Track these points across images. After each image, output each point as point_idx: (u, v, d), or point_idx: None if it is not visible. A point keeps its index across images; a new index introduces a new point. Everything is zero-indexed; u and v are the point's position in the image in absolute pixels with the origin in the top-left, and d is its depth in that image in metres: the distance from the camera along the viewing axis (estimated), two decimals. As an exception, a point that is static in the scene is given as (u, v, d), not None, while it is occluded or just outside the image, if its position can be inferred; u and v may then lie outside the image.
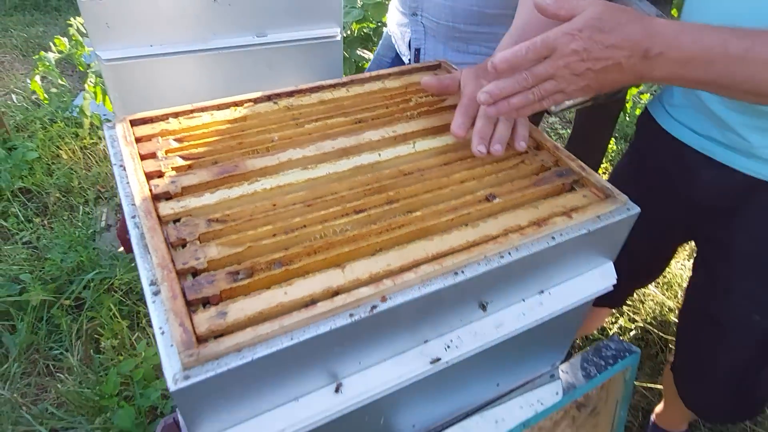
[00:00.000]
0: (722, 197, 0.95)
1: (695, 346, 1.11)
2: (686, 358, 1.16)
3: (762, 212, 0.91)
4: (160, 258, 0.57)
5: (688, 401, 1.20)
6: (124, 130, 0.76)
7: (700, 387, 1.13)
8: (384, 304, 0.56)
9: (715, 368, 1.07)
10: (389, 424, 0.76)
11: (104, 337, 1.53)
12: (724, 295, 1.00)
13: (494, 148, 0.75)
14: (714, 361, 1.06)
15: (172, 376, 0.48)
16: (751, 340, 0.99)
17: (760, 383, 1.03)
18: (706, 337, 1.06)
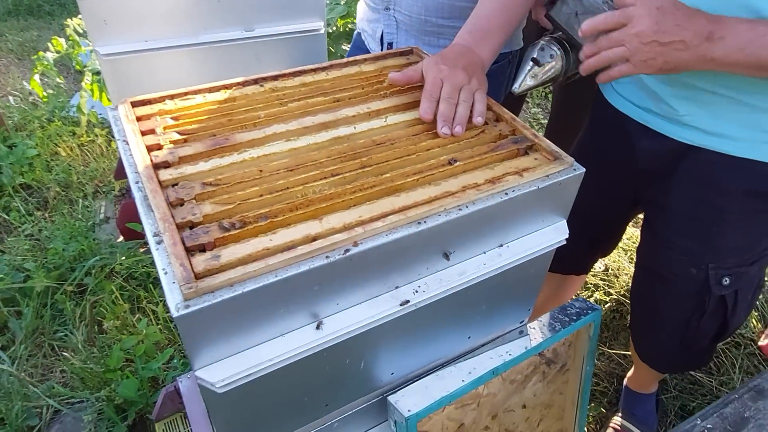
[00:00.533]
0: (658, 162, 1.04)
1: (645, 301, 1.22)
2: (638, 314, 1.26)
3: (692, 174, 1.00)
4: (161, 213, 0.66)
5: (642, 354, 1.30)
6: (126, 110, 0.85)
7: (650, 339, 1.23)
8: (356, 248, 0.65)
9: (662, 320, 1.17)
10: (369, 370, 0.85)
11: (107, 319, 1.62)
12: (665, 252, 1.09)
13: (455, 130, 0.84)
14: (660, 314, 1.17)
15: (175, 305, 0.57)
16: (691, 292, 1.09)
17: (703, 332, 1.13)
18: (653, 292, 1.17)
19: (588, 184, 0.92)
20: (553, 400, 1.22)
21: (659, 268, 1.13)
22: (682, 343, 1.16)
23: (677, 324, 1.14)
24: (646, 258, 1.18)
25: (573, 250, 1.10)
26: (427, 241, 0.72)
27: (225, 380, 0.64)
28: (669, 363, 1.28)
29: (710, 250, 1.04)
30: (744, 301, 1.09)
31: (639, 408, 1.54)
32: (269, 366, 0.67)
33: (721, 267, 1.04)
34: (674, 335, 1.16)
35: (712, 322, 1.11)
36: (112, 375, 1.41)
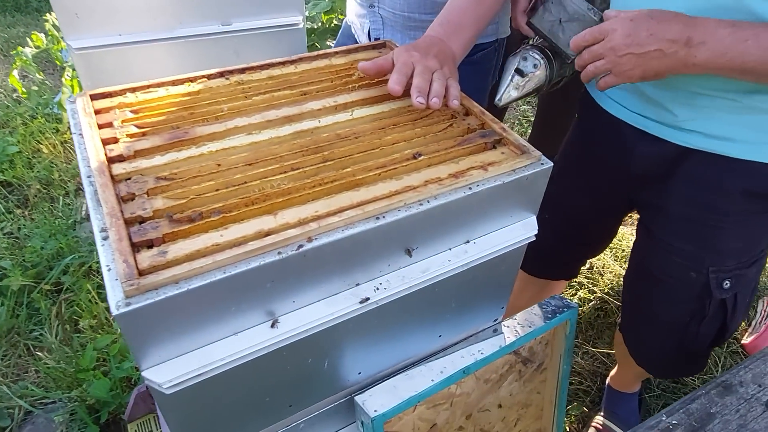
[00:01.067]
0: (656, 166, 1.02)
1: (641, 305, 1.18)
2: (633, 318, 1.24)
3: (691, 177, 0.98)
4: (109, 208, 0.64)
5: (638, 358, 1.27)
6: (84, 103, 0.83)
7: (648, 343, 1.20)
8: (309, 243, 0.63)
9: (660, 324, 1.14)
10: (334, 369, 0.83)
11: (83, 318, 1.59)
12: (663, 255, 1.07)
13: (432, 101, 0.81)
14: (659, 318, 1.14)
15: (115, 303, 0.55)
16: (691, 296, 1.06)
17: (702, 337, 1.10)
18: (650, 296, 1.14)
19: (580, 190, 0.92)
20: (531, 399, 1.20)
21: (656, 271, 1.10)
22: (680, 348, 1.13)
23: (675, 328, 1.11)
24: (642, 260, 1.15)
25: (564, 256, 1.09)
26: (388, 237, 0.70)
27: (173, 381, 0.62)
28: (666, 368, 1.25)
29: (710, 252, 1.02)
30: (743, 303, 1.07)
31: (622, 407, 1.53)
32: (222, 366, 0.65)
33: (722, 270, 1.02)
34: (672, 340, 1.13)
35: (711, 326, 1.09)
36: (85, 375, 1.38)
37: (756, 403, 0.84)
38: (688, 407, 0.82)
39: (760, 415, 0.82)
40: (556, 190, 1.17)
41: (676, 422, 0.80)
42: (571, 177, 1.20)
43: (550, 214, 1.23)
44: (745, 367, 0.91)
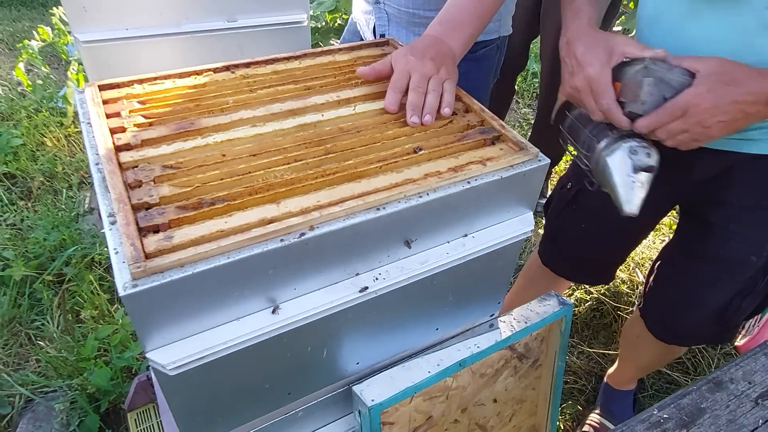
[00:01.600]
0: (717, 172, 1.04)
1: (680, 284, 1.19)
2: (667, 296, 1.24)
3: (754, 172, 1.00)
4: (117, 194, 0.66)
5: (663, 332, 1.27)
6: (92, 93, 0.84)
7: (685, 319, 1.20)
8: (311, 232, 0.65)
9: (704, 302, 1.15)
10: (333, 358, 0.84)
11: (84, 309, 1.61)
12: (722, 242, 1.08)
13: (425, 119, 0.84)
14: (704, 296, 1.15)
15: (122, 285, 0.57)
16: (745, 276, 1.09)
17: (743, 311, 1.13)
18: (698, 277, 1.15)
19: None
20: (526, 395, 1.22)
21: (713, 256, 1.11)
22: (718, 321, 1.15)
23: (720, 305, 1.13)
24: (696, 247, 1.15)
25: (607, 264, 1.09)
26: (388, 228, 0.71)
27: (176, 362, 0.63)
28: (698, 336, 1.25)
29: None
30: None
31: (616, 405, 1.54)
32: (224, 350, 0.66)
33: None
34: (712, 314, 1.14)
35: (753, 301, 1.12)
36: (86, 364, 1.40)
37: (746, 400, 0.85)
38: (679, 402, 0.84)
39: (749, 410, 0.84)
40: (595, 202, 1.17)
41: (668, 416, 0.82)
42: None
43: (590, 225, 1.26)
44: (736, 365, 0.93)
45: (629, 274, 1.94)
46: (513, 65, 2.07)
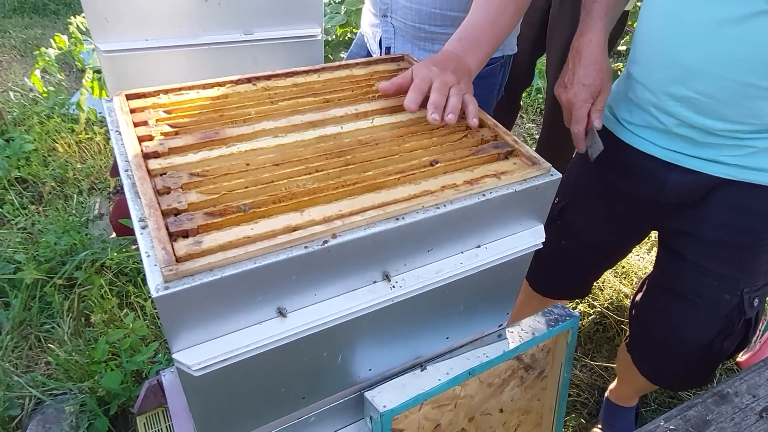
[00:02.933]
0: (689, 195, 1.05)
1: (663, 325, 1.20)
2: (650, 335, 1.25)
3: (726, 203, 1.02)
4: (148, 200, 0.68)
5: (651, 375, 1.29)
6: (120, 102, 0.88)
7: (667, 361, 1.22)
8: (334, 240, 0.67)
9: (684, 343, 1.16)
10: (347, 364, 0.86)
11: (94, 313, 1.63)
12: (696, 277, 1.09)
13: (448, 117, 0.84)
14: (684, 338, 1.16)
15: (155, 287, 0.59)
16: (721, 315, 1.09)
17: (724, 352, 1.13)
18: (676, 316, 1.15)
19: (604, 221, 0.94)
20: (531, 406, 1.24)
21: (688, 293, 1.12)
22: (701, 363, 1.16)
23: (701, 346, 1.13)
24: (671, 282, 1.16)
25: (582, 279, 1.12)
26: (405, 238, 0.74)
27: (202, 363, 0.65)
28: (677, 382, 1.27)
29: (745, 274, 1.05)
30: (759, 317, 1.12)
31: (619, 420, 1.56)
32: (247, 352, 0.69)
33: (753, 290, 1.06)
34: (695, 356, 1.15)
35: (734, 342, 1.12)
36: (97, 367, 1.42)
37: (750, 413, 0.87)
38: (685, 414, 0.86)
39: (753, 423, 0.85)
40: (575, 221, 1.20)
41: (674, 428, 0.83)
42: (593, 208, 1.22)
43: (569, 241, 1.27)
44: (741, 378, 0.94)
45: (632, 288, 1.96)
46: (519, 82, 2.11)
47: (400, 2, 1.27)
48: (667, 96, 0.99)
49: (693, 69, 0.92)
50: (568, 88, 1.05)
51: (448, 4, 1.24)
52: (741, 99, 0.89)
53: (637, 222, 1.20)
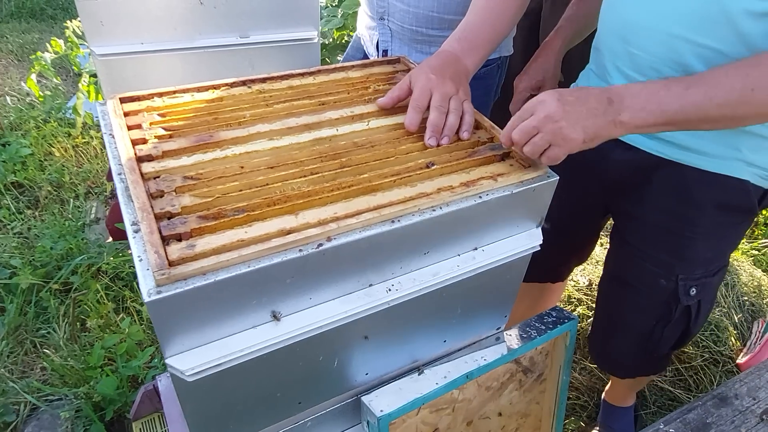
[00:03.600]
0: (630, 173, 1.07)
1: (610, 309, 1.23)
2: (602, 321, 1.28)
3: (665, 187, 1.03)
4: (140, 203, 0.68)
5: (601, 361, 1.33)
6: (114, 105, 0.87)
7: (613, 346, 1.25)
8: (329, 242, 0.67)
9: (627, 328, 1.19)
10: (343, 368, 0.86)
11: (90, 318, 1.62)
12: (637, 262, 1.12)
13: (443, 141, 0.86)
14: (626, 322, 1.19)
15: (147, 291, 0.59)
16: (659, 302, 1.11)
17: (666, 340, 1.15)
18: (620, 300, 1.19)
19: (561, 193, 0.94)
20: (530, 409, 1.23)
21: (629, 278, 1.15)
22: (644, 351, 1.18)
23: (642, 333, 1.16)
24: (616, 267, 1.20)
25: (547, 258, 1.12)
26: (402, 240, 0.73)
27: (195, 368, 0.65)
28: (629, 368, 1.30)
29: (681, 261, 1.06)
30: (705, 309, 1.12)
31: (617, 422, 1.55)
32: (240, 357, 0.68)
33: (690, 278, 1.07)
34: (638, 343, 1.18)
35: (675, 331, 1.14)
36: (92, 373, 1.40)
37: (750, 415, 0.87)
38: (685, 417, 0.85)
39: (754, 426, 0.85)
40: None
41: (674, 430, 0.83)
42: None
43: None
44: (740, 381, 0.94)
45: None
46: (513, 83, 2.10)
47: (398, 5, 1.27)
48: (615, 56, 1.00)
49: (634, 25, 0.93)
50: (520, 77, 1.23)
51: (445, 7, 1.24)
52: (672, 53, 0.89)
53: (590, 203, 1.21)
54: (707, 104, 0.76)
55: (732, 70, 0.77)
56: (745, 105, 0.76)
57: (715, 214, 1.00)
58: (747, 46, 0.82)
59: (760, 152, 0.95)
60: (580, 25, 1.22)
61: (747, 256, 2.14)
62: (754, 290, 1.91)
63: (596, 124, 0.77)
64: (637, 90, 0.79)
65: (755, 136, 0.93)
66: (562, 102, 0.77)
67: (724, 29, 0.82)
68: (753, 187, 0.98)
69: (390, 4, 1.28)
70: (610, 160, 1.08)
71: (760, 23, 0.79)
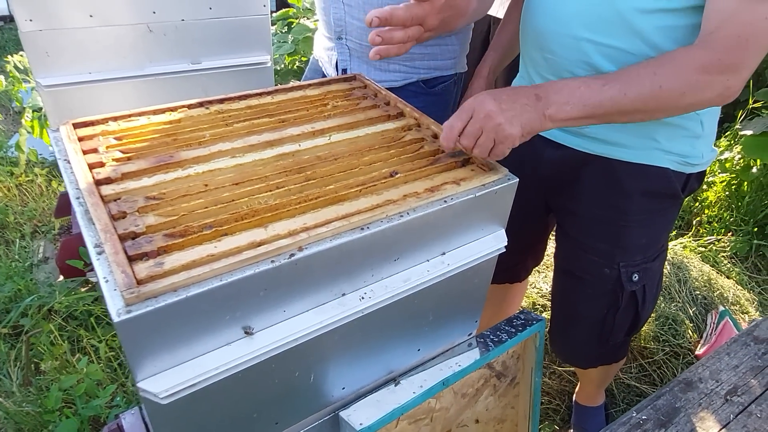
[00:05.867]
0: (563, 170, 1.13)
1: (564, 302, 1.28)
2: (558, 315, 1.32)
3: (596, 181, 1.09)
4: (102, 224, 0.66)
5: (562, 354, 1.37)
6: (67, 130, 0.85)
7: (570, 338, 1.29)
8: (300, 252, 0.67)
9: (581, 319, 1.24)
10: (319, 384, 0.84)
11: (44, 360, 1.54)
12: (580, 255, 1.17)
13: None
14: (579, 313, 1.24)
15: (116, 311, 0.57)
16: (606, 290, 1.16)
17: (618, 326, 1.20)
18: (572, 293, 1.24)
19: None
20: (506, 414, 1.24)
21: (576, 270, 1.20)
22: (600, 339, 1.23)
23: (595, 321, 1.21)
24: (563, 261, 1.25)
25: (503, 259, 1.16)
26: (371, 248, 0.74)
27: (169, 390, 0.63)
28: (589, 358, 1.34)
29: (619, 249, 1.12)
30: (651, 294, 1.18)
31: (590, 422, 1.58)
32: (215, 375, 0.66)
33: (630, 264, 1.12)
34: (593, 332, 1.23)
35: (625, 316, 1.19)
36: (50, 416, 1.33)
37: (715, 397, 0.90)
38: (655, 403, 0.88)
39: (720, 407, 0.88)
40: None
41: (646, 417, 0.85)
42: None
43: None
44: (703, 365, 0.98)
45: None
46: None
47: (355, 23, 1.29)
48: (535, 63, 1.08)
49: (545, 32, 1.00)
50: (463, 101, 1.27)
51: (400, 23, 1.27)
52: (581, 55, 0.96)
53: (532, 203, 1.26)
54: (622, 99, 0.82)
55: (642, 68, 0.83)
56: (655, 100, 0.83)
57: (644, 202, 1.07)
58: (645, 42, 0.90)
59: (675, 140, 1.03)
60: (505, 50, 1.31)
61: (695, 253, 2.25)
62: (705, 284, 2.01)
63: (530, 119, 0.82)
64: (560, 86, 0.84)
65: (670, 126, 1.00)
66: (497, 101, 0.81)
67: (620, 28, 0.90)
68: (674, 173, 1.06)
69: (348, 22, 1.30)
70: (543, 159, 1.14)
71: (651, 19, 0.88)
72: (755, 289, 2.13)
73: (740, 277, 2.17)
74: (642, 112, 0.85)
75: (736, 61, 0.80)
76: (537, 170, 1.17)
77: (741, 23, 0.79)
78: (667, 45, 0.89)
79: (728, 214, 2.44)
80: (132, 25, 1.42)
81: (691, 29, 0.86)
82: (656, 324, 1.86)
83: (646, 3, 0.87)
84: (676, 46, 0.87)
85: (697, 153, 1.06)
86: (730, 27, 0.80)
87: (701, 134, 1.04)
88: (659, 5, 0.87)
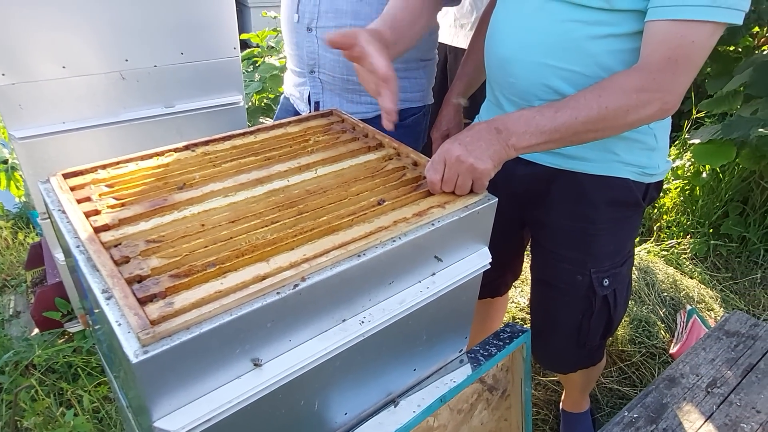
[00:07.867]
0: (534, 186, 1.20)
1: (542, 311, 1.35)
2: (537, 324, 1.38)
3: (564, 193, 1.17)
4: (108, 270, 0.68)
5: (543, 361, 1.44)
6: (58, 181, 0.86)
7: (550, 345, 1.35)
8: (304, 282, 0.70)
9: (559, 326, 1.30)
10: (323, 410, 0.86)
11: (26, 417, 1.49)
12: (554, 264, 1.24)
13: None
14: (557, 320, 1.30)
15: (134, 352, 0.58)
16: (580, 296, 1.23)
17: (594, 330, 1.27)
18: (549, 301, 1.30)
19: None
20: (500, 427, 1.27)
21: (551, 279, 1.27)
22: (578, 343, 1.29)
23: (572, 327, 1.27)
24: (539, 272, 1.32)
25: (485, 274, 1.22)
26: (368, 273, 0.77)
27: (186, 427, 0.64)
28: (569, 363, 1.40)
29: (590, 256, 1.19)
30: (621, 297, 1.26)
31: (578, 428, 1.62)
32: (228, 409, 0.68)
33: (600, 270, 1.20)
34: (571, 337, 1.29)
35: (599, 320, 1.26)
36: (39, 475, 1.29)
37: (698, 390, 0.96)
38: (643, 402, 0.93)
39: (703, 399, 0.94)
40: None
41: (637, 416, 0.90)
42: None
43: None
44: (683, 362, 1.04)
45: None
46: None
47: (328, 56, 1.34)
48: (500, 87, 1.16)
49: (509, 59, 1.08)
50: (433, 129, 1.45)
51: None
52: (542, 78, 1.04)
53: (507, 218, 1.29)
54: (574, 122, 0.90)
55: (589, 93, 0.92)
56: (603, 120, 0.91)
57: (609, 211, 1.15)
58: (598, 65, 0.99)
59: (633, 153, 1.12)
60: (471, 77, 1.40)
61: (659, 257, 2.36)
62: (671, 286, 2.11)
63: (496, 151, 0.89)
64: (516, 117, 0.92)
65: (627, 140, 1.09)
66: (462, 144, 0.88)
67: (576, 54, 0.99)
68: (634, 183, 1.14)
69: (320, 55, 1.35)
70: (514, 176, 1.20)
71: (602, 44, 0.97)
72: (717, 287, 2.25)
73: (702, 276, 2.29)
74: (594, 131, 0.93)
75: (668, 79, 0.89)
76: (510, 187, 1.23)
77: (671, 47, 0.88)
78: (617, 66, 0.98)
79: (685, 218, 2.58)
80: (105, 74, 1.44)
81: (637, 52, 0.95)
82: (630, 327, 1.94)
83: (597, 30, 0.96)
84: (626, 67, 0.96)
85: (654, 164, 1.14)
86: (662, 50, 0.89)
87: (656, 146, 1.13)
88: (608, 31, 0.96)
